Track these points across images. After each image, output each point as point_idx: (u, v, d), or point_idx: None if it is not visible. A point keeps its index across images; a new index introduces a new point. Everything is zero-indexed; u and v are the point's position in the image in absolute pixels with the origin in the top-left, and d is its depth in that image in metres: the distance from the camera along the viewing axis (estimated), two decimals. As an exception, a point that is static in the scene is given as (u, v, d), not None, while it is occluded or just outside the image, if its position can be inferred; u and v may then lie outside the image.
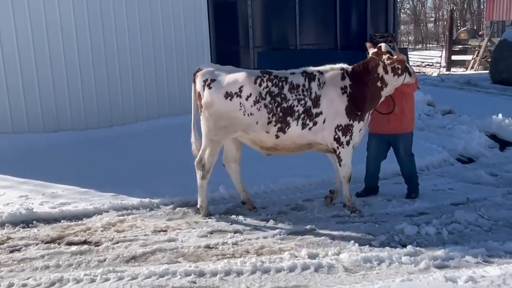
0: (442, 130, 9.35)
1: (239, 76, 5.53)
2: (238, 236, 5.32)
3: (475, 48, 23.38)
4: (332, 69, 5.67)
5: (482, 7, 45.34)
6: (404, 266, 4.52)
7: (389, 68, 5.58)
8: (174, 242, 5.18)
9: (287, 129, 5.52)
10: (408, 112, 6.20)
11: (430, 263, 4.53)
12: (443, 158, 8.01)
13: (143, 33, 10.25)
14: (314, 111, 5.51)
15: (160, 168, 7.65)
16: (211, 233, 5.42)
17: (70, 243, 5.22)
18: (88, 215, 5.98)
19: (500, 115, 9.78)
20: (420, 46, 50.05)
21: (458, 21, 53.57)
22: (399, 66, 5.59)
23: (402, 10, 59.23)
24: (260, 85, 5.49)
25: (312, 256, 4.73)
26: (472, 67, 22.33)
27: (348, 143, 5.65)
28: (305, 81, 5.55)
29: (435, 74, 20.92)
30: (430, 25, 58.79)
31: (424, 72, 21.89)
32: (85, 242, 5.23)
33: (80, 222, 5.81)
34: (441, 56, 24.08)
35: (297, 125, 5.51)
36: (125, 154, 8.44)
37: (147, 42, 10.31)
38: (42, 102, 9.39)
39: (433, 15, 59.01)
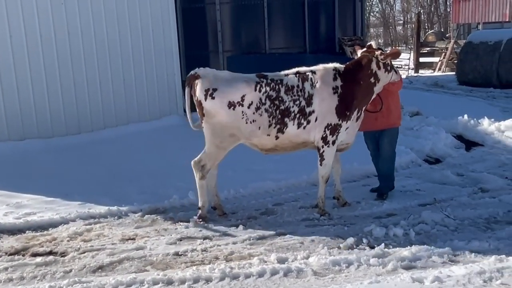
0: (410, 132, 9.49)
1: (240, 84, 5.54)
2: (208, 242, 5.28)
3: (442, 50, 23.85)
4: (325, 69, 5.76)
5: (449, 10, 46.24)
6: (372, 268, 4.56)
7: (381, 64, 5.76)
8: (142, 250, 5.11)
9: (285, 129, 5.62)
10: (394, 109, 6.35)
11: (397, 264, 4.57)
12: (411, 159, 8.11)
13: (110, 38, 10.12)
14: (308, 110, 5.62)
15: (129, 175, 7.56)
16: (180, 240, 5.36)
17: (35, 254, 5.10)
18: (54, 225, 5.86)
19: (465, 116, 9.98)
20: (389, 48, 50.79)
21: (426, 24, 54.55)
22: (389, 63, 5.80)
23: (372, 13, 60.07)
24: (259, 91, 5.54)
25: (281, 261, 4.72)
26: (439, 69, 22.77)
27: (333, 142, 5.76)
28: (298, 81, 5.65)
29: (403, 76, 21.25)
30: (399, 28, 59.70)
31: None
32: (50, 253, 5.12)
33: (45, 232, 5.68)
34: (409, 59, 24.47)
35: (293, 125, 5.61)
36: (93, 162, 8.31)
37: (114, 47, 10.19)
38: (6, 110, 9.18)
39: (402, 18, 59.94)
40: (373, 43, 5.90)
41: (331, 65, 5.82)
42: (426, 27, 52.57)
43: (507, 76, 15.47)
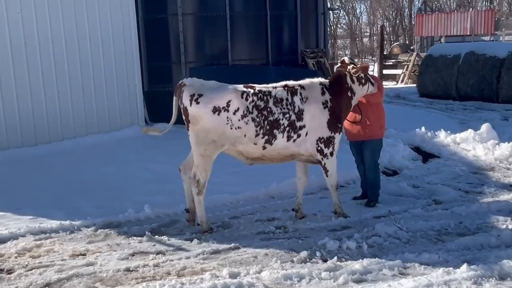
0: (369, 144, 9.58)
1: (226, 90, 5.61)
2: (160, 257, 5.21)
3: (405, 62, 24.34)
4: (312, 83, 5.96)
5: (413, 23, 47.27)
6: (324, 282, 4.57)
7: (354, 78, 6.02)
8: (92, 266, 5.00)
9: (274, 141, 5.71)
10: (374, 120, 6.55)
11: (348, 277, 4.60)
12: (367, 172, 8.18)
13: (69, 47, 9.98)
14: (298, 124, 5.74)
15: (85, 188, 7.42)
16: (133, 255, 5.27)
17: (-21, 272, 4.93)
18: (2, 240, 5.68)
19: (423, 128, 10.17)
20: (356, 60, 51.59)
21: (391, 36, 55.68)
22: (362, 76, 6.05)
23: (339, 25, 61.01)
24: (246, 99, 5.60)
25: (233, 276, 4.69)
26: (402, 81, 23.21)
27: (331, 154, 5.97)
28: (287, 95, 5.76)
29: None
30: (366, 40, 60.76)
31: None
32: (-4, 270, 4.96)
33: (-7, 248, 5.50)
34: (373, 70, 24.88)
35: (282, 137, 5.71)
36: (49, 174, 8.13)
37: (73, 57, 10.05)
38: (-41, 121, 8.94)
39: (368, 30, 61.02)
40: (346, 59, 6.15)
41: (317, 80, 6.06)
42: (392, 40, 53.69)
43: (465, 89, 15.88)
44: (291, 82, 5.93)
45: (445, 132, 10.01)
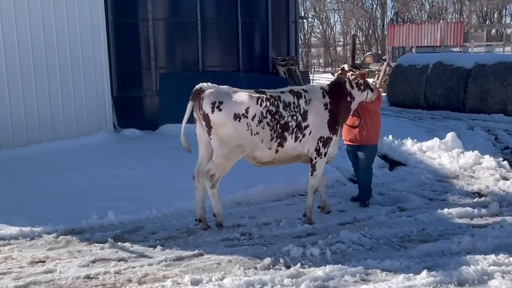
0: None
1: (244, 97, 5.79)
2: (122, 264, 5.13)
3: (376, 72, 24.67)
4: (314, 87, 6.40)
5: (385, 33, 48.06)
6: (286, 289, 4.56)
7: (353, 84, 6.39)
8: (51, 273, 4.90)
9: (285, 143, 5.97)
10: (371, 127, 6.90)
11: (310, 284, 4.60)
12: (336, 178, 8.26)
13: (35, 50, 9.80)
14: (303, 124, 6.03)
15: (48, 194, 7.27)
16: (94, 262, 5.18)
17: None
18: (-41, 247, 5.52)
19: (390, 136, 10.30)
20: (330, 68, 52.08)
21: (364, 46, 56.49)
22: (361, 82, 6.43)
23: (313, 34, 61.60)
24: (261, 105, 5.81)
25: (195, 283, 4.65)
26: (373, 90, 23.49)
27: (325, 154, 6.26)
28: (294, 98, 6.04)
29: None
30: (339, 49, 61.44)
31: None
32: (-50, 278, 4.81)
33: None
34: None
35: (291, 138, 5.99)
36: (11, 180, 7.94)
37: (40, 60, 9.87)
38: None
39: (342, 40, 61.75)
40: (345, 66, 6.55)
41: (318, 85, 6.64)
42: (365, 49, 54.44)
43: (433, 98, 16.15)
44: (295, 87, 6.35)
45: (412, 141, 10.15)
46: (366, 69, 26.02)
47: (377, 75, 24.00)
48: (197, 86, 5.81)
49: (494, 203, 6.84)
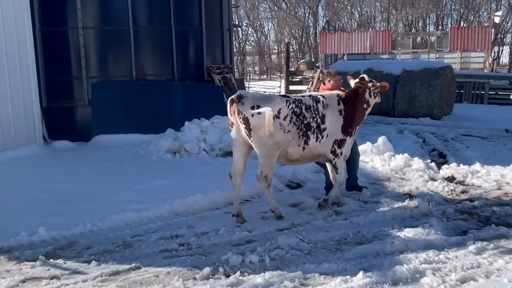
0: (274, 158, 9.74)
1: (276, 100, 6.48)
2: (55, 282, 4.92)
3: (310, 79, 25.19)
4: (331, 95, 7.01)
5: (318, 40, 49.25)
6: (226, 298, 4.53)
7: (372, 93, 7.13)
8: (-23, 296, 4.62)
9: (309, 141, 6.66)
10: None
11: (250, 292, 4.60)
12: (273, 185, 8.28)
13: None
14: (322, 126, 6.75)
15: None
16: (24, 282, 4.94)
17: None
18: None
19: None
20: (265, 76, 52.68)
21: (298, 54, 57.61)
22: (377, 91, 7.14)
23: (248, 42, 62.15)
24: (288, 107, 6.49)
25: (133, 297, 4.53)
26: (307, 97, 23.95)
27: (341, 154, 7.00)
28: (313, 103, 6.73)
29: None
30: (274, 57, 62.29)
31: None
32: None
33: None
34: (280, 86, 25.51)
35: (313, 138, 6.69)
36: None
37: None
38: None
39: (276, 48, 62.66)
40: (365, 76, 7.18)
41: (334, 92, 7.14)
42: (298, 57, 55.52)
43: (365, 104, 16.69)
44: (314, 93, 7.12)
45: (346, 145, 10.40)
46: (301, 76, 26.62)
47: (310, 82, 24.50)
48: (233, 95, 6.41)
49: (423, 204, 7.13)
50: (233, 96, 6.38)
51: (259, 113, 6.17)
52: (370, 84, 7.11)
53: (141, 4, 12.17)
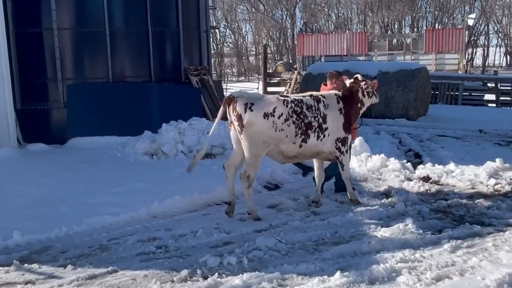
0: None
1: (271, 99, 6.64)
2: (29, 287, 4.85)
3: (288, 80, 25.29)
4: (330, 94, 7.20)
5: (295, 42, 49.50)
6: (204, 300, 4.52)
7: (365, 92, 7.37)
8: (-51, 303, 4.53)
9: (308, 140, 6.82)
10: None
11: (228, 293, 4.59)
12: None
13: None
14: (324, 126, 6.94)
15: None
16: (-2, 287, 4.86)
17: None
18: None
19: (303, 143, 10.55)
20: (243, 77, 52.73)
21: (276, 55, 57.82)
22: (371, 90, 7.41)
23: (225, 44, 62.14)
24: (287, 106, 6.65)
25: (110, 301, 4.49)
26: (285, 98, 24.03)
27: (346, 151, 7.23)
28: (314, 102, 6.90)
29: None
30: (252, 58, 62.39)
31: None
32: None
33: None
34: (258, 88, 25.55)
35: (314, 136, 6.86)
36: None
37: None
38: None
39: (254, 49, 62.77)
40: (359, 76, 7.41)
41: (332, 92, 7.33)
42: (276, 58, 55.70)
43: (342, 105, 16.82)
44: (314, 93, 7.20)
45: (323, 146, 10.48)
46: (278, 78, 26.72)
47: (288, 84, 24.60)
48: (229, 94, 6.67)
49: (399, 203, 7.22)
50: (227, 96, 6.68)
51: (251, 110, 6.41)
52: (362, 84, 7.36)
53: (117, 5, 12.06)
